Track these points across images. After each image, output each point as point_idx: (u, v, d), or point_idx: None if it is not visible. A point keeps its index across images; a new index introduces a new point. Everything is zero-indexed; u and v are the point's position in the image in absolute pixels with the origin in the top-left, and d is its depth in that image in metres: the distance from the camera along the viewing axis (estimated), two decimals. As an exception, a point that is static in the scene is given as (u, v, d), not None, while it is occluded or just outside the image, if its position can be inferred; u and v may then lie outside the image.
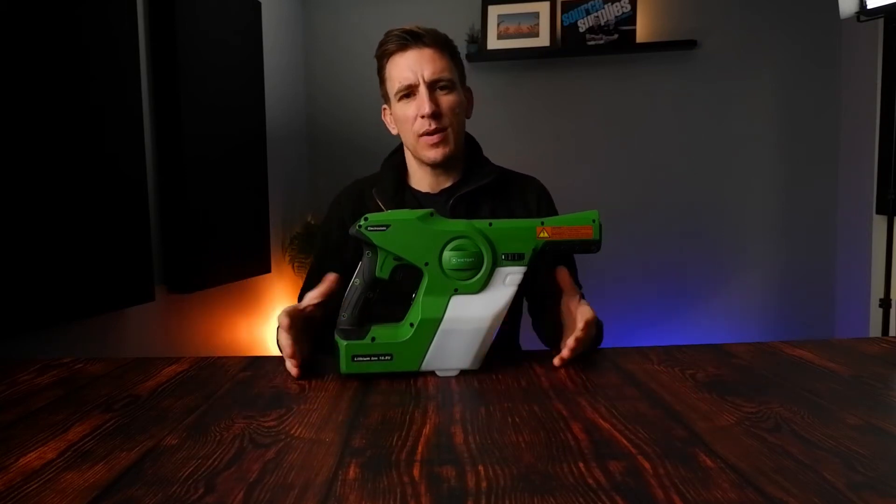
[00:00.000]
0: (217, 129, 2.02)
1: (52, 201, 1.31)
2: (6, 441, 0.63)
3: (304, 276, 1.28)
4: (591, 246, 0.87)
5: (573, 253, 0.90)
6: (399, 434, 0.62)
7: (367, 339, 0.83)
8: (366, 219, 0.84)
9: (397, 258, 0.84)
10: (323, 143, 3.09)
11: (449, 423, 0.65)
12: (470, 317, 0.84)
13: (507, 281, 0.85)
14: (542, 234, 0.85)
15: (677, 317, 2.95)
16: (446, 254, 0.83)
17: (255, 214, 2.32)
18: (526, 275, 0.86)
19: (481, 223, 0.85)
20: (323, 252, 1.22)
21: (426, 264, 0.84)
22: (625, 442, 0.59)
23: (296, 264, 2.74)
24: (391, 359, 0.83)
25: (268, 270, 2.42)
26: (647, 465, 0.53)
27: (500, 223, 0.86)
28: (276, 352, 0.94)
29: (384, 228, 0.83)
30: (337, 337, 0.84)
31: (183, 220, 1.83)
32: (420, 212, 0.85)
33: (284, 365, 0.86)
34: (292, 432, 0.63)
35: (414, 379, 0.82)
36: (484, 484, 0.50)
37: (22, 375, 0.86)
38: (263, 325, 2.55)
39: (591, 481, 0.50)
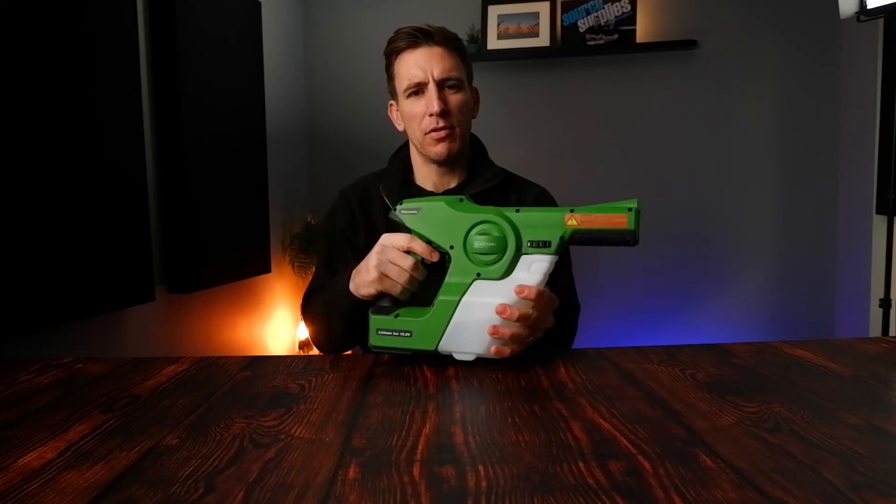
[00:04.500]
0: (217, 129, 2.02)
1: (52, 201, 1.31)
2: (6, 441, 0.62)
3: (304, 276, 1.28)
4: (625, 237, 0.80)
5: (606, 244, 0.82)
6: (399, 434, 0.62)
7: (392, 316, 0.88)
8: (402, 202, 0.89)
9: (427, 241, 0.88)
10: (323, 143, 3.09)
11: (449, 423, 0.65)
12: (489, 302, 0.83)
13: (533, 269, 0.83)
14: (570, 222, 0.82)
15: (677, 317, 2.95)
16: (471, 237, 0.85)
17: (255, 214, 2.32)
18: (557, 265, 0.84)
19: (509, 210, 0.85)
20: (331, 241, 1.22)
21: (451, 247, 0.86)
22: (625, 442, 0.59)
23: (296, 264, 2.74)
24: (410, 335, 0.86)
25: (268, 270, 2.42)
26: (647, 465, 0.53)
27: (528, 210, 0.85)
28: (276, 351, 0.95)
29: (415, 212, 0.88)
30: (370, 312, 0.90)
31: (183, 220, 1.83)
32: (451, 197, 0.88)
33: (284, 364, 0.86)
34: (292, 432, 0.63)
35: (414, 379, 0.82)
36: (484, 484, 0.50)
37: (22, 375, 0.86)
38: (263, 325, 2.55)
39: (591, 481, 0.50)
